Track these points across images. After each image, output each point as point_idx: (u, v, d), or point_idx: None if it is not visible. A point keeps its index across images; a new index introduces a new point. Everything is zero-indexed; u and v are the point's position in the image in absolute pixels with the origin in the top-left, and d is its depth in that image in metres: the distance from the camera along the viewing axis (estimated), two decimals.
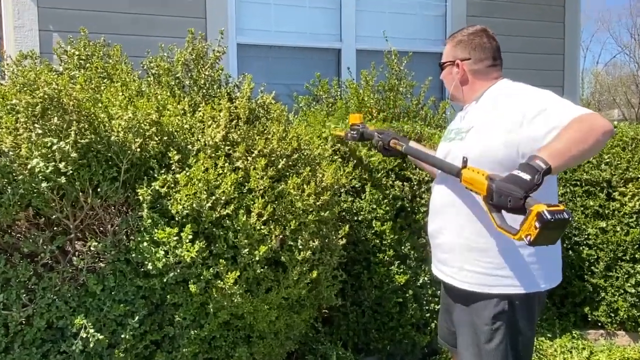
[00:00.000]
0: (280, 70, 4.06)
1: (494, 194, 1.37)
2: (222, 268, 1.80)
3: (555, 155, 1.37)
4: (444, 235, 1.71)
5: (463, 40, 1.76)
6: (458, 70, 1.75)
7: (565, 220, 1.26)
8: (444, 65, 1.81)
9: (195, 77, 2.24)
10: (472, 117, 1.69)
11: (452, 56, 1.77)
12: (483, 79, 1.73)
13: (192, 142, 1.91)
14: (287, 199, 1.94)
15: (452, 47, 1.78)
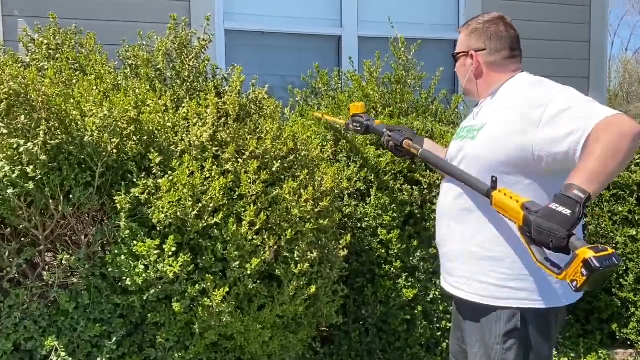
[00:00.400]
0: (274, 61, 4.05)
1: (533, 231, 1.38)
2: (209, 283, 1.79)
3: (592, 179, 1.36)
4: (453, 242, 1.71)
5: (478, 28, 1.75)
6: (472, 62, 1.75)
7: (614, 266, 1.27)
8: (458, 57, 1.81)
9: (179, 69, 2.23)
10: (486, 113, 1.69)
11: (465, 46, 1.77)
12: (499, 71, 1.73)
13: (176, 143, 1.90)
14: (282, 206, 1.94)
15: (465, 36, 1.78)
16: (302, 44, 4.14)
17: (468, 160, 1.65)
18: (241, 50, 3.95)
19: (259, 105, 2.25)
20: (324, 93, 3.46)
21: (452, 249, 1.72)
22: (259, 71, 3.64)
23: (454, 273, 1.72)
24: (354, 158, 2.62)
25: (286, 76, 4.02)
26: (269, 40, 4.05)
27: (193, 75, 2.23)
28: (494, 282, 1.60)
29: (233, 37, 3.89)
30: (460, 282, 1.69)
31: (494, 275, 1.61)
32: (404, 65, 3.22)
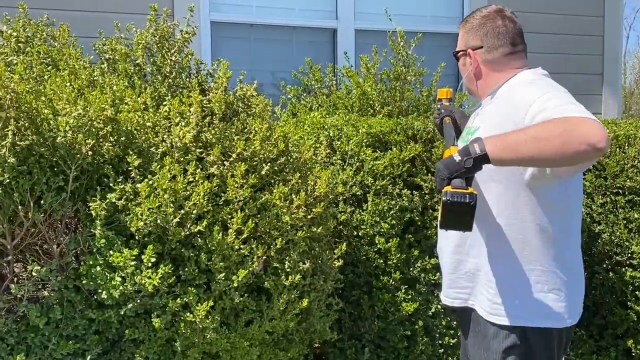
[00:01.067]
0: (263, 55, 4.05)
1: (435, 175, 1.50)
2: (192, 297, 1.79)
3: (501, 146, 1.42)
4: (450, 254, 1.75)
5: (474, 25, 1.77)
6: (471, 61, 1.77)
7: (466, 205, 1.39)
8: (458, 56, 1.83)
9: (160, 64, 2.23)
10: (482, 116, 1.73)
11: (463, 44, 1.79)
12: (499, 70, 1.74)
13: (156, 144, 1.90)
14: (272, 212, 1.93)
15: (464, 33, 1.80)
16: (294, 37, 4.14)
17: None
18: (228, 43, 3.95)
19: (247, 103, 2.25)
20: (317, 90, 3.46)
21: (451, 260, 1.75)
22: (247, 66, 3.64)
23: (455, 285, 1.76)
24: (349, 161, 2.62)
25: (277, 72, 4.02)
26: (258, 33, 4.05)
27: (175, 71, 2.22)
28: (491, 297, 1.64)
29: (219, 30, 3.89)
30: (464, 292, 1.73)
31: (487, 290, 1.65)
32: (403, 61, 3.24)
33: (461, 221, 1.43)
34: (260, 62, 4.03)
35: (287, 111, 3.34)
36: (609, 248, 3.03)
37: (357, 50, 4.07)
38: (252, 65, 3.94)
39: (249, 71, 2.74)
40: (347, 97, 3.25)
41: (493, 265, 1.64)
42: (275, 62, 4.06)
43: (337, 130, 2.72)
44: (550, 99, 1.49)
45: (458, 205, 1.39)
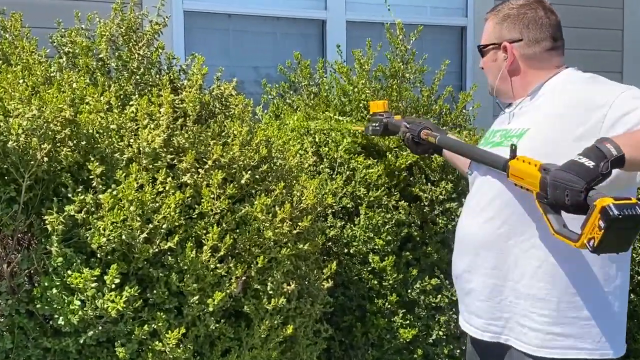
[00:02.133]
0: (244, 49, 4.06)
1: (549, 188, 1.37)
2: (161, 323, 1.78)
3: (634, 145, 1.36)
4: (484, 277, 1.70)
5: (511, 14, 1.75)
6: (506, 56, 1.75)
7: (638, 217, 1.28)
8: (486, 50, 1.80)
9: (126, 59, 2.22)
10: (527, 117, 1.69)
11: (496, 37, 1.77)
12: (540, 67, 1.73)
13: (121, 149, 1.89)
14: (252, 227, 1.93)
15: (496, 24, 1.78)
16: (279, 29, 4.15)
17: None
18: (204, 36, 3.95)
19: (225, 103, 2.24)
20: (304, 88, 3.46)
21: (484, 285, 1.70)
22: (225, 62, 3.64)
23: (487, 315, 1.70)
24: (338, 169, 2.63)
25: (259, 68, 4.03)
26: (238, 24, 4.05)
27: (143, 67, 2.21)
28: (535, 326, 1.60)
29: (194, 20, 3.89)
30: (498, 324, 1.68)
31: (535, 318, 1.61)
32: (401, 56, 3.25)
33: (623, 240, 1.33)
34: (240, 57, 4.03)
35: (270, 112, 3.34)
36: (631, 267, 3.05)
37: (350, 43, 4.08)
38: (231, 61, 3.94)
39: (228, 67, 2.73)
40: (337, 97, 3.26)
41: (537, 287, 1.60)
42: (257, 57, 4.07)
43: (323, 134, 2.73)
44: (636, 96, 1.50)
45: (628, 221, 1.27)
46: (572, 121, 1.54)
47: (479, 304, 1.73)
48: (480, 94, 3.90)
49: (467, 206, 1.82)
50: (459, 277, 1.81)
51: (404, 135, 2.14)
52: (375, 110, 2.38)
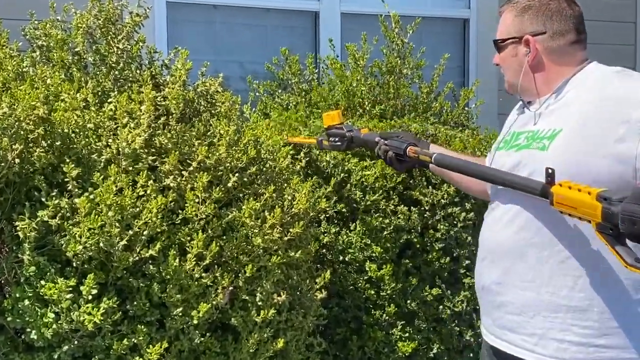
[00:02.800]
0: (231, 43, 4.05)
1: (621, 222, 1.36)
2: (142, 337, 1.77)
3: None
4: (518, 289, 1.69)
5: (533, 5, 1.74)
6: (528, 50, 1.73)
7: None
8: (504, 44, 1.79)
9: (104, 53, 2.22)
10: (557, 116, 1.67)
11: (516, 30, 1.76)
12: (564, 61, 1.72)
13: (99, 150, 1.89)
14: (240, 233, 1.93)
15: (515, 16, 1.76)
16: (268, 21, 4.15)
17: (538, 177, 1.57)
18: (188, 28, 3.94)
19: (211, 100, 2.24)
20: (294, 86, 3.47)
21: (517, 298, 1.68)
22: (211, 56, 3.63)
23: (521, 330, 1.69)
24: (333, 171, 2.62)
25: (246, 63, 4.02)
26: (224, 15, 4.05)
27: (123, 61, 2.21)
28: (578, 339, 1.59)
29: (177, 12, 3.89)
30: (531, 341, 1.66)
31: (576, 331, 1.60)
32: (398, 51, 3.26)
33: None
34: (226, 51, 4.03)
35: (258, 110, 3.34)
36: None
37: (344, 37, 4.09)
38: (217, 55, 3.94)
39: (214, 62, 2.74)
40: (330, 94, 3.26)
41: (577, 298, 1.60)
42: (244, 52, 4.06)
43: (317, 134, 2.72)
44: None
45: None
46: (613, 119, 1.52)
47: (510, 317, 1.71)
48: (483, 90, 3.93)
49: (493, 215, 1.80)
50: (486, 288, 1.78)
51: (384, 153, 2.07)
52: (330, 123, 2.32)
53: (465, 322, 2.69)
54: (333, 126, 2.31)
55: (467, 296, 2.65)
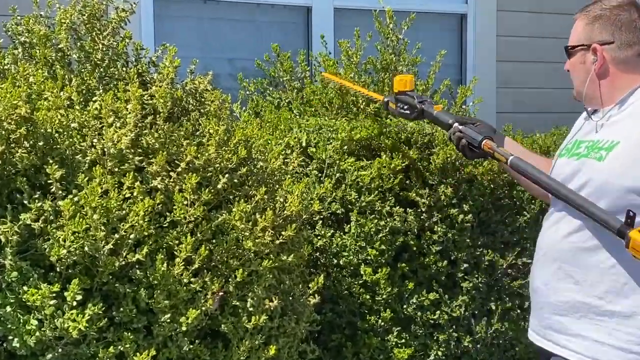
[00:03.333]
0: (220, 39, 4.05)
1: None
2: (128, 345, 1.76)
3: None
4: (566, 291, 1.78)
5: (603, 15, 1.81)
6: (595, 59, 1.80)
7: None
8: (574, 51, 1.86)
9: (89, 49, 2.21)
10: (617, 128, 1.76)
11: (586, 38, 1.83)
12: (630, 72, 1.79)
13: (84, 150, 1.88)
14: (230, 237, 1.92)
15: (586, 24, 1.84)
16: (259, 16, 4.15)
17: (592, 187, 1.71)
18: (176, 24, 3.94)
19: (200, 99, 2.23)
20: (286, 83, 3.47)
21: (564, 299, 1.78)
22: (200, 53, 3.63)
23: (565, 330, 1.78)
24: (327, 171, 2.62)
25: (237, 60, 4.02)
26: (213, 11, 4.05)
27: (108, 58, 2.21)
28: (619, 344, 1.68)
29: (165, 7, 3.88)
30: (575, 341, 1.76)
31: (619, 336, 1.68)
32: (393, 47, 3.26)
33: None
34: (216, 47, 4.02)
35: (249, 109, 3.33)
36: None
37: (337, 33, 4.09)
38: (206, 52, 3.93)
39: (203, 59, 2.73)
40: (323, 92, 3.26)
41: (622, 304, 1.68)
42: (234, 49, 4.06)
43: (311, 133, 2.72)
44: None
45: None
46: None
47: (557, 317, 1.81)
48: (481, 88, 3.93)
49: (549, 219, 1.89)
50: (535, 289, 1.90)
51: (457, 140, 2.08)
52: (400, 89, 2.28)
53: (463, 328, 2.69)
54: (404, 92, 2.28)
55: (465, 301, 2.65)
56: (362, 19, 3.81)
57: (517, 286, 2.73)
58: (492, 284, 2.73)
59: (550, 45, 4.58)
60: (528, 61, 4.65)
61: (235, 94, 3.48)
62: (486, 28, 4.54)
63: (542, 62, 4.61)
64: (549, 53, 4.58)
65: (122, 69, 2.25)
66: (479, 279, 2.67)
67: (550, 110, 4.66)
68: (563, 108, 4.75)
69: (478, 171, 2.68)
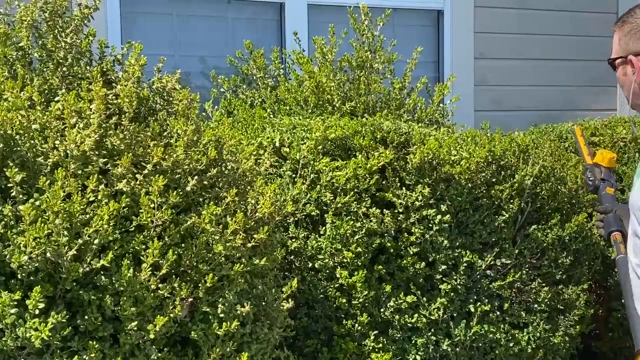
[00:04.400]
0: (191, 37, 4.03)
1: None
2: (94, 354, 1.74)
3: None
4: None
5: (636, 26, 1.85)
6: (634, 70, 1.85)
7: None
8: (615, 63, 1.92)
9: (51, 48, 2.19)
10: None
11: (623, 50, 1.88)
12: None
13: (45, 152, 1.87)
14: (200, 241, 1.91)
15: (621, 36, 1.89)
16: (230, 13, 4.14)
17: None
18: (143, 21, 3.92)
19: (168, 98, 2.22)
20: (260, 81, 3.46)
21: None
22: (168, 51, 3.62)
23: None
24: (301, 172, 2.62)
25: (208, 58, 4.01)
26: (182, 7, 4.03)
27: (71, 57, 2.19)
28: None
29: (132, 4, 3.86)
30: None
31: None
32: (368, 44, 3.27)
33: None
34: (185, 45, 4.01)
35: (221, 108, 3.32)
36: None
37: (311, 30, 4.10)
38: (175, 50, 3.92)
39: (171, 57, 2.72)
40: (298, 91, 3.26)
41: None
42: (205, 46, 4.05)
43: (285, 133, 2.72)
44: None
45: None
46: None
47: None
48: (459, 86, 3.96)
49: None
50: None
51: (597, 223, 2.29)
52: (598, 161, 2.44)
53: (442, 331, 2.70)
54: (599, 165, 2.43)
55: (443, 303, 2.65)
56: (337, 15, 3.82)
57: (497, 287, 2.73)
58: (471, 286, 2.73)
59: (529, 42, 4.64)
60: (506, 58, 4.69)
61: (207, 92, 3.47)
62: (463, 24, 4.57)
63: (520, 59, 4.66)
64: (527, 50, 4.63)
65: (86, 67, 2.23)
66: (457, 281, 2.67)
67: (528, 108, 4.71)
68: (541, 106, 4.83)
69: (455, 170, 2.68)
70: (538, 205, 2.83)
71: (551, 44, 4.75)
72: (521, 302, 2.80)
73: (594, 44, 4.87)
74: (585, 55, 4.85)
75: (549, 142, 3.39)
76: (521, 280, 2.78)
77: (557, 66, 4.74)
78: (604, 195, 2.35)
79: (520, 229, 2.79)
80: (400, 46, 3.42)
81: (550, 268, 2.84)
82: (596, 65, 4.89)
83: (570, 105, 4.75)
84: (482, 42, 4.63)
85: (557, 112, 4.61)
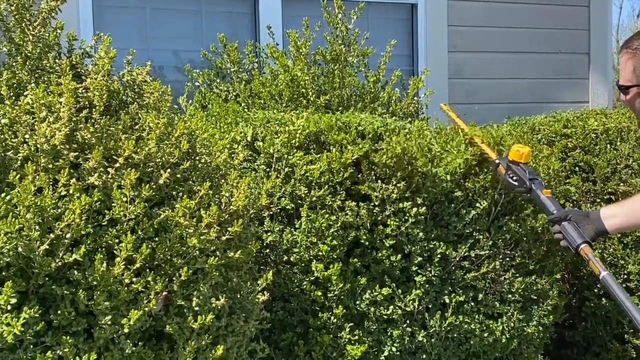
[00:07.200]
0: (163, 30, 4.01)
1: None
2: (68, 349, 1.74)
3: None
4: None
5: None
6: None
7: None
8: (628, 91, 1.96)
9: (18, 41, 2.17)
10: None
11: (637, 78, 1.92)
12: None
13: (15, 147, 1.85)
14: (174, 234, 1.91)
15: (627, 59, 1.93)
16: (204, 6, 4.12)
17: None
18: (115, 15, 3.89)
19: (139, 91, 2.22)
20: (234, 75, 3.46)
21: None
22: (141, 44, 3.61)
23: None
24: (275, 165, 2.62)
25: (181, 51, 4.00)
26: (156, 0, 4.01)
27: (40, 50, 2.17)
28: None
29: None
30: None
31: None
32: (342, 38, 3.28)
33: None
34: (159, 39, 3.99)
35: (195, 102, 3.32)
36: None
37: (285, 24, 4.10)
38: (148, 43, 3.90)
39: (145, 51, 2.71)
40: (272, 84, 3.26)
41: None
42: (178, 40, 4.03)
43: (259, 127, 2.72)
44: None
45: None
46: None
47: None
48: (433, 79, 3.99)
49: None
50: None
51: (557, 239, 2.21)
52: (515, 158, 2.38)
53: (417, 322, 2.72)
54: (517, 162, 2.37)
55: (418, 295, 2.67)
56: (312, 9, 3.82)
57: (471, 278, 2.75)
58: (446, 277, 2.75)
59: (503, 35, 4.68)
60: (480, 51, 4.72)
61: (181, 87, 3.46)
62: (437, 18, 4.60)
63: (494, 52, 4.70)
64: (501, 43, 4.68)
65: (55, 61, 2.21)
66: (432, 272, 2.69)
67: (503, 101, 4.75)
68: (516, 99, 4.88)
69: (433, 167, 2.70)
70: (511, 196, 2.85)
71: (523, 37, 4.79)
72: (495, 292, 2.83)
73: (566, 37, 4.93)
74: (557, 48, 4.91)
75: (522, 134, 3.43)
76: (495, 271, 2.80)
77: (529, 59, 4.79)
78: (545, 200, 2.30)
79: (494, 221, 2.81)
80: (374, 39, 3.44)
81: (523, 259, 2.87)
82: (569, 58, 4.96)
83: (543, 98, 4.81)
84: (456, 35, 4.67)
85: (530, 104, 4.66)
